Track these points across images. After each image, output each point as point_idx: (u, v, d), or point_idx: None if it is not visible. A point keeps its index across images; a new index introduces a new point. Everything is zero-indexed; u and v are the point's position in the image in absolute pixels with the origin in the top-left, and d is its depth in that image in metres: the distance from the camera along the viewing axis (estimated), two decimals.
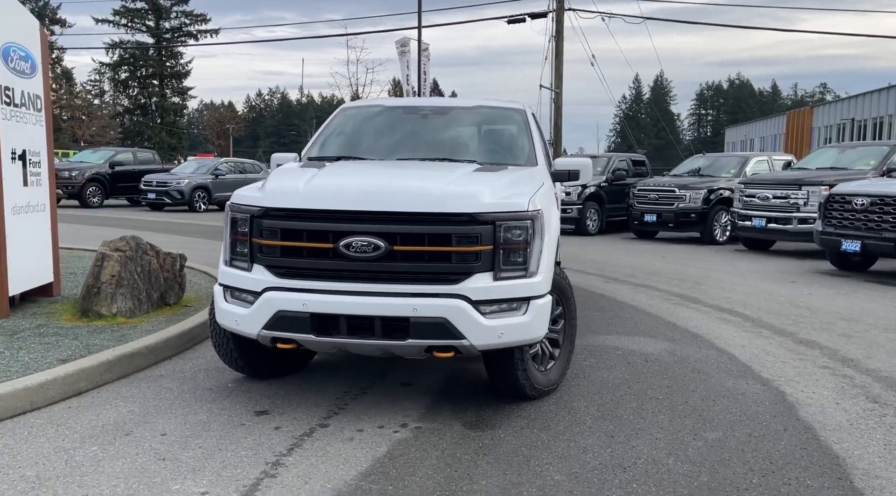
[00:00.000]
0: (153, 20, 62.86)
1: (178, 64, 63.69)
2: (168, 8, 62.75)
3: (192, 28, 63.59)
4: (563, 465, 3.53)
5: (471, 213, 3.88)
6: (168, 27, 63.31)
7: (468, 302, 3.85)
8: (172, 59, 63.72)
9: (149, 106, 63.84)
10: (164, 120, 63.24)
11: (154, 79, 63.34)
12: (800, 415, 4.32)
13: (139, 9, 62.45)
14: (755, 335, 6.36)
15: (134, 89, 64.38)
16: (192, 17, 63.47)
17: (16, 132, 6.12)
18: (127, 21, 62.47)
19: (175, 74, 63.58)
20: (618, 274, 9.99)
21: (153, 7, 62.22)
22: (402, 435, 3.88)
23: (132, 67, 63.46)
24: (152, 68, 62.95)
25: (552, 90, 24.09)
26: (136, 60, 63.03)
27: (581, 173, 5.28)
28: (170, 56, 63.40)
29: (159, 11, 62.50)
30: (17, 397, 4.08)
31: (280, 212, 4.01)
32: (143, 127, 62.55)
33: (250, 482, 3.27)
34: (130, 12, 62.33)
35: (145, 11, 62.62)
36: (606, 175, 17.01)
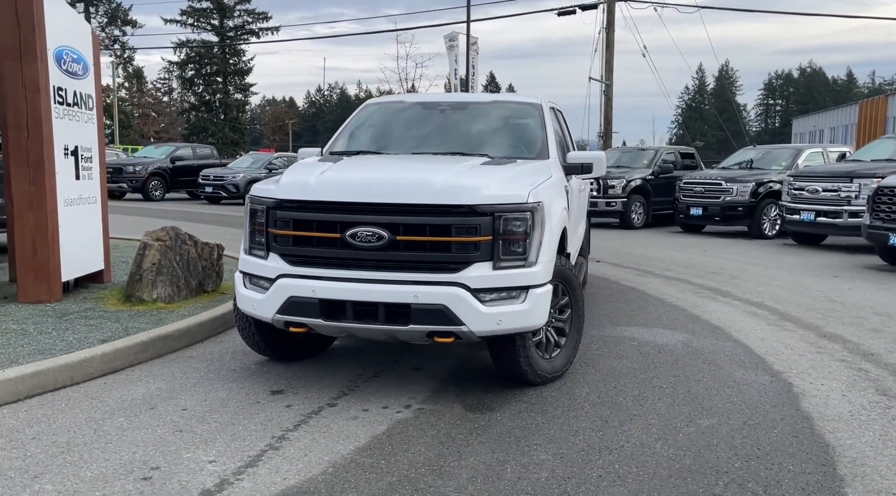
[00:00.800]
0: (217, 19, 64.65)
1: (241, 61, 65.33)
2: (231, 7, 64.41)
3: (255, 26, 65.16)
4: (551, 446, 3.69)
5: (470, 204, 4.06)
6: (231, 25, 64.99)
7: (467, 290, 4.04)
8: (235, 56, 65.41)
9: (213, 102, 65.69)
10: (227, 116, 64.97)
11: (218, 76, 65.13)
12: (801, 405, 4.37)
13: (204, 8, 64.29)
14: (778, 328, 6.36)
15: (199, 86, 66.38)
16: (255, 15, 65.03)
17: (69, 129, 6.56)
18: (193, 20, 64.40)
19: (238, 71, 65.23)
20: (653, 267, 10.00)
21: (217, 6, 63.95)
22: (404, 415, 4.10)
23: (197, 65, 65.41)
24: (216, 66, 64.76)
25: (602, 82, 23.93)
26: (200, 58, 64.95)
27: (594, 166, 5.40)
28: (233, 53, 65.08)
29: (223, 10, 64.22)
30: (58, 372, 4.45)
31: (292, 203, 4.27)
32: (208, 123, 64.44)
33: (255, 453, 3.53)
34: (196, 12, 64.21)
35: (210, 11, 64.43)
36: (653, 168, 16.88)
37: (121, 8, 64.26)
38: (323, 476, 3.30)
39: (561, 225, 4.64)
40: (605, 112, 24.50)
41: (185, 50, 64.41)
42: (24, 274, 6.21)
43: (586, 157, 5.39)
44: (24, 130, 6.08)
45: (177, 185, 23.65)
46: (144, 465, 3.36)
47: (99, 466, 3.34)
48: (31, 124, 6.08)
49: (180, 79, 67.50)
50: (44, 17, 6.12)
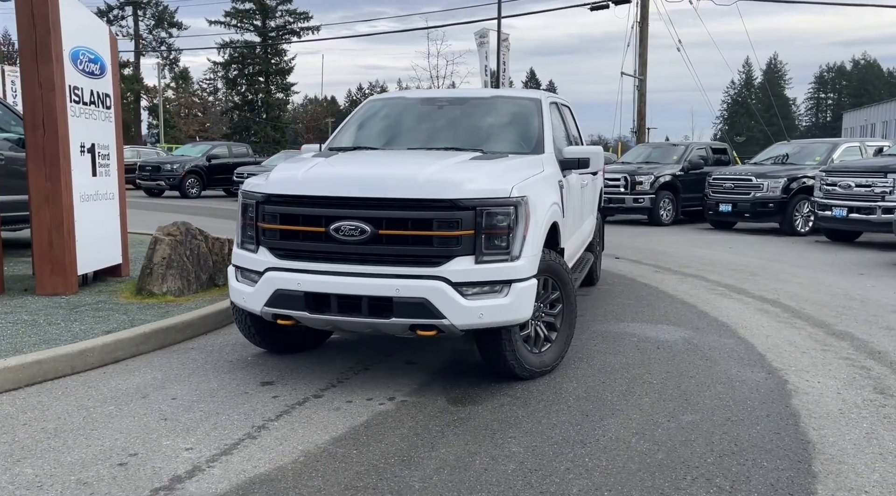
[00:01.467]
0: (260, 19, 65.55)
1: (283, 61, 66.09)
2: (273, 7, 65.24)
3: (296, 26, 65.89)
4: (525, 439, 3.70)
5: (451, 199, 4.09)
6: (273, 26, 65.82)
7: (448, 283, 4.07)
8: (277, 56, 66.20)
9: (255, 102, 66.60)
10: (269, 115, 65.84)
11: (260, 76, 66.01)
12: (791, 402, 4.30)
13: (247, 9, 65.22)
14: (786, 326, 6.25)
15: (242, 86, 67.39)
16: (296, 15, 65.73)
17: (85, 127, 6.76)
18: (236, 22, 65.42)
19: (279, 71, 66.02)
20: (672, 264, 9.88)
21: (260, 7, 64.81)
22: (386, 407, 4.15)
23: (240, 65, 66.39)
24: (258, 66, 65.63)
25: (635, 77, 23.65)
26: (243, 59, 65.90)
27: (591, 161, 5.37)
28: (274, 53, 65.91)
29: (265, 11, 65.06)
30: (58, 361, 4.61)
31: (279, 198, 4.36)
32: (250, 122, 65.37)
33: (232, 441, 3.62)
34: (240, 13, 65.17)
35: (253, 12, 65.30)
36: (683, 164, 16.65)
37: (167, 11, 65.59)
38: (293, 464, 3.36)
39: (550, 220, 4.64)
40: (638, 107, 24.23)
41: (228, 50, 65.47)
42: (40, 267, 6.43)
43: (583, 152, 5.37)
44: (40, 128, 6.29)
45: (213, 183, 24.09)
46: (123, 452, 3.47)
47: (80, 452, 3.47)
48: (46, 122, 6.28)
49: (224, 79, 68.65)
50: (59, 18, 6.32)
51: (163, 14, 65.35)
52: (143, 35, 65.57)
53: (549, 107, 5.75)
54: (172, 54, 65.71)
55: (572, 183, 5.64)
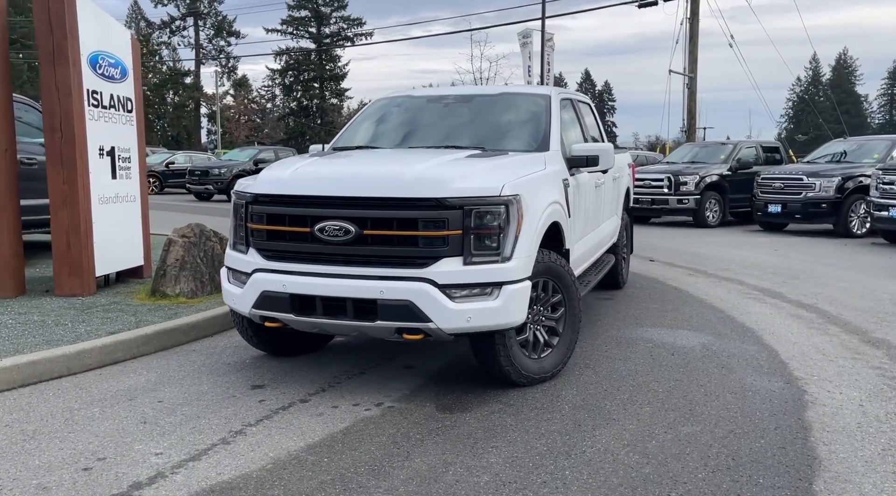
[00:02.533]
0: (315, 26, 66.54)
1: (336, 67, 66.89)
2: (328, 14, 66.14)
3: (349, 32, 66.64)
4: (507, 449, 3.52)
5: (437, 197, 3.93)
6: (327, 32, 66.69)
7: (434, 285, 3.91)
8: (331, 62, 67.05)
9: (310, 107, 67.55)
10: (324, 120, 66.67)
11: (315, 82, 66.94)
12: (805, 414, 4.00)
13: (303, 17, 66.31)
14: (819, 332, 5.89)
15: (297, 92, 68.44)
16: (349, 21, 66.51)
17: (104, 131, 6.83)
18: (292, 29, 66.55)
19: (333, 77, 66.84)
20: (709, 267, 9.50)
21: (315, 15, 65.81)
22: (372, 413, 4.01)
23: (296, 72, 67.47)
24: (313, 72, 66.59)
25: (685, 75, 23.03)
26: (298, 65, 66.95)
27: (600, 159, 5.13)
28: (328, 59, 66.76)
29: (320, 18, 66.01)
30: (54, 362, 4.62)
31: (266, 198, 4.27)
32: (305, 127, 66.31)
33: (205, 447, 3.53)
34: (295, 20, 66.31)
35: (308, 19, 66.36)
36: (730, 163, 16.08)
37: (226, 20, 67.06)
38: (259, 472, 3.25)
39: (548, 219, 4.43)
40: (688, 106, 23.59)
41: (284, 58, 66.62)
42: (59, 268, 6.51)
43: (591, 150, 5.14)
44: (57, 132, 6.37)
45: None
46: (92, 456, 3.42)
47: (50, 455, 3.43)
48: (63, 126, 6.36)
49: (281, 86, 69.83)
50: (77, 24, 6.39)
51: (222, 23, 66.85)
52: (203, 45, 67.21)
53: (559, 103, 5.53)
54: (231, 62, 67.13)
55: (583, 182, 5.41)
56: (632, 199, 8.24)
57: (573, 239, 5.12)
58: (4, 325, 5.41)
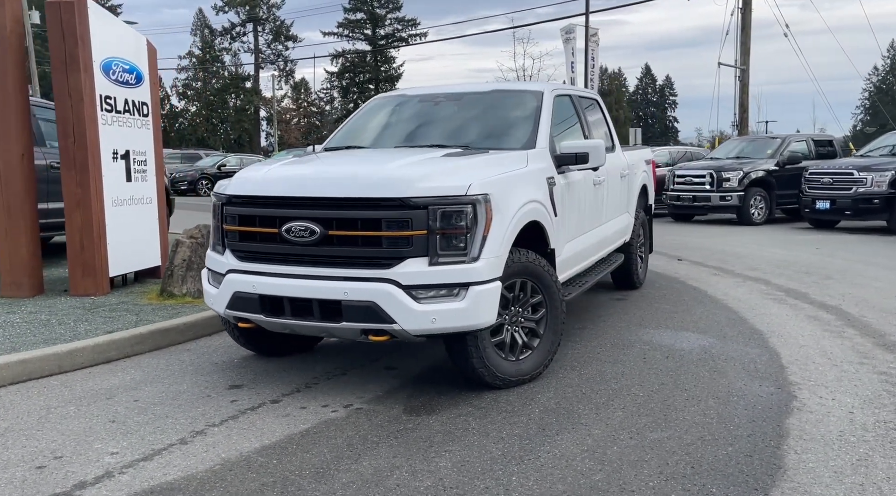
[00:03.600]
0: (370, 28, 67.25)
1: (391, 68, 67.46)
2: (383, 16, 66.78)
3: (404, 33, 67.13)
4: (462, 453, 3.45)
5: (400, 197, 3.88)
6: (382, 34, 67.32)
7: (398, 286, 3.87)
8: (386, 63, 67.66)
9: None
10: None
11: (370, 83, 67.61)
12: (787, 421, 3.81)
13: (359, 19, 67.14)
14: (832, 335, 5.61)
15: (354, 94, 69.27)
16: (404, 22, 67.01)
17: (118, 135, 7.00)
18: (348, 32, 67.45)
19: (388, 78, 67.40)
20: (737, 266, 9.17)
21: (371, 17, 66.55)
22: (338, 414, 3.99)
23: (352, 74, 68.32)
24: (369, 74, 67.31)
25: (737, 67, 22.35)
26: (354, 67, 67.78)
27: (590, 156, 4.99)
28: (384, 61, 67.38)
29: (375, 20, 66.72)
30: (45, 361, 4.75)
31: (238, 199, 4.30)
32: None
33: (162, 447, 3.56)
34: (351, 23, 67.19)
35: (364, 21, 67.18)
36: (777, 158, 15.52)
37: (284, 25, 68.33)
38: (204, 473, 3.26)
39: (524, 219, 4.32)
40: (739, 99, 22.89)
41: (341, 60, 67.55)
42: (73, 269, 6.70)
43: (580, 147, 5.00)
44: (70, 136, 6.56)
45: None
46: (51, 454, 3.48)
47: (11, 453, 3.51)
48: (76, 131, 6.55)
49: (339, 88, 70.79)
50: (88, 31, 6.56)
51: (280, 28, 68.13)
52: (262, 49, 68.63)
53: (551, 100, 5.40)
54: (288, 66, 68.35)
55: (575, 180, 5.27)
56: (651, 196, 8.01)
57: (561, 238, 5.00)
58: (11, 324, 5.60)
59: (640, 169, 7.45)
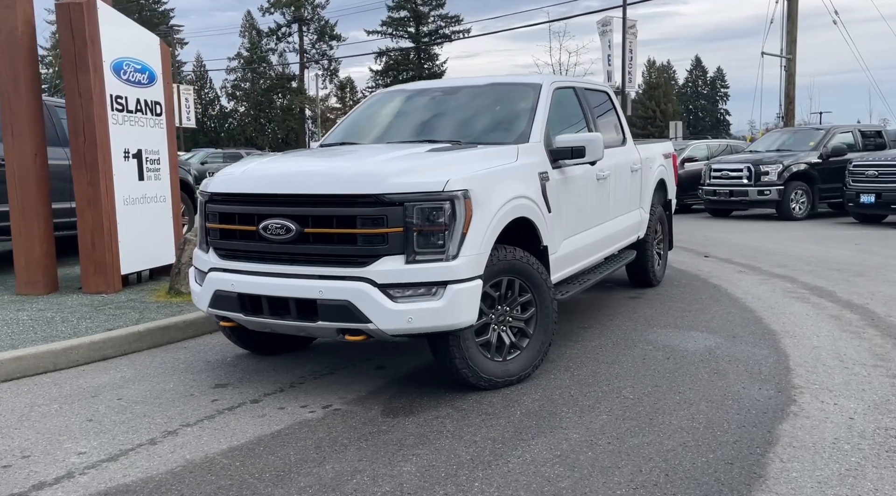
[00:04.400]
0: (413, 26, 67.40)
1: (434, 65, 67.48)
2: (426, 13, 66.85)
3: (447, 30, 67.10)
4: (430, 457, 3.34)
5: (374, 193, 3.79)
6: (426, 31, 67.40)
7: (374, 285, 3.78)
8: (430, 61, 67.72)
9: None
10: None
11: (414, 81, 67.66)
12: (779, 427, 3.60)
13: (402, 17, 67.36)
14: (851, 336, 5.33)
15: None
16: (447, 19, 66.99)
17: (130, 134, 7.07)
18: (392, 30, 67.72)
19: (431, 75, 67.35)
20: (766, 263, 8.84)
21: (414, 14, 66.70)
22: (315, 415, 3.92)
23: (395, 72, 68.56)
24: (412, 72, 67.42)
25: (782, 57, 21.64)
26: (398, 65, 68.01)
27: (587, 150, 4.82)
28: (427, 58, 67.46)
29: (419, 18, 66.83)
30: (40, 358, 4.79)
31: (219, 196, 4.26)
32: None
33: (129, 447, 3.53)
34: (395, 21, 67.46)
35: (407, 19, 67.36)
36: (821, 150, 14.96)
37: (328, 24, 68.93)
38: (164, 475, 3.22)
39: (509, 215, 4.18)
40: (785, 90, 22.18)
41: (384, 59, 67.86)
42: (85, 267, 6.79)
43: (576, 140, 4.83)
44: (81, 136, 6.64)
45: None
46: (20, 453, 3.48)
47: None
48: (86, 130, 6.62)
49: (383, 86, 71.11)
50: (98, 32, 6.63)
51: (324, 28, 68.75)
52: (306, 49, 69.35)
53: (549, 93, 5.23)
54: (332, 65, 68.93)
55: (574, 175, 5.10)
56: (671, 191, 7.76)
57: (557, 235, 4.84)
58: (18, 321, 5.68)
59: (657, 163, 7.21)
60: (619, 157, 6.13)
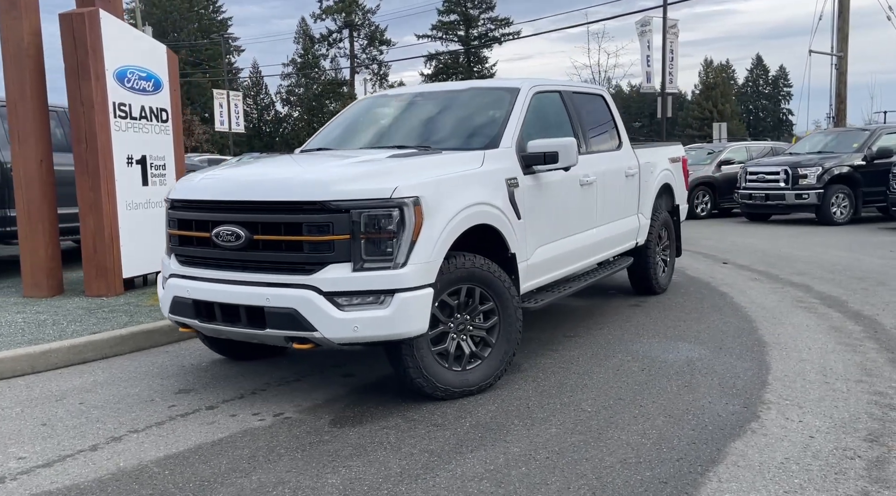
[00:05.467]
0: (463, 30, 67.52)
1: (484, 68, 67.42)
2: (476, 17, 66.89)
3: (497, 32, 66.99)
4: (360, 469, 3.28)
5: (320, 200, 3.75)
6: (475, 34, 67.43)
7: (319, 293, 3.74)
8: (479, 64, 67.71)
9: None
10: None
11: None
12: (731, 445, 3.43)
13: (452, 21, 67.57)
14: (846, 348, 5.08)
15: None
16: (497, 21, 66.89)
17: (133, 140, 7.20)
18: (442, 34, 67.98)
19: (481, 78, 67.29)
20: (786, 271, 8.50)
21: (464, 18, 66.82)
22: (263, 423, 3.90)
23: (445, 76, 68.74)
24: (462, 75, 67.49)
25: (833, 55, 20.89)
26: (447, 69, 68.18)
27: (559, 155, 4.69)
28: (476, 61, 67.47)
29: (469, 21, 66.92)
30: (18, 361, 4.89)
31: (178, 203, 4.29)
32: None
33: (69, 453, 3.55)
34: (445, 25, 67.70)
35: (457, 23, 67.54)
36: (865, 152, 14.35)
37: (378, 30, 69.55)
38: (90, 483, 3.22)
39: (466, 222, 4.09)
40: (837, 89, 21.39)
41: (434, 63, 68.13)
42: (87, 270, 6.94)
43: (548, 146, 4.70)
44: (83, 142, 6.80)
45: None
46: None
47: None
48: (88, 137, 6.77)
49: None
50: (101, 42, 6.77)
51: (374, 33, 69.39)
52: (357, 54, 70.09)
53: (528, 98, 5.10)
54: (381, 69, 69.48)
55: (550, 180, 4.96)
56: (678, 196, 7.52)
57: (529, 243, 4.72)
58: (11, 324, 5.82)
59: (660, 168, 7.00)
60: (610, 162, 5.97)
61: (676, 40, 22.58)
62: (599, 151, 5.89)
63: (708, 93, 76.58)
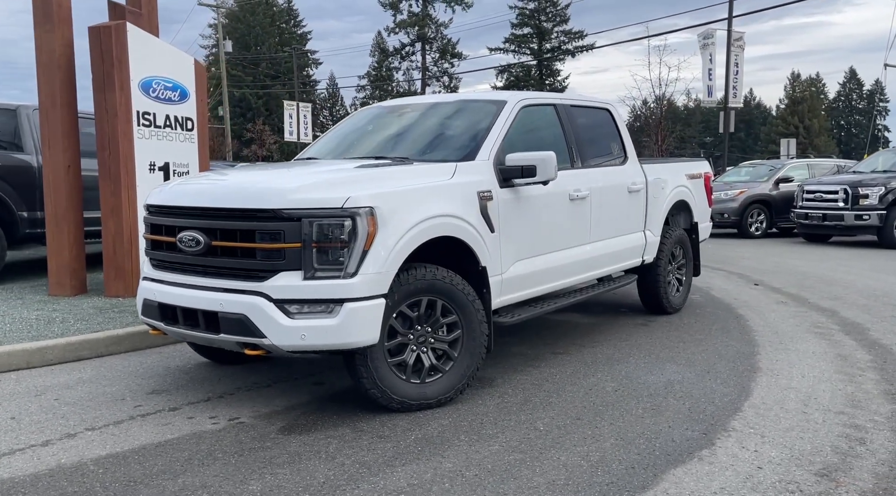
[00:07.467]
0: (536, 43, 67.42)
1: (556, 81, 67.08)
2: (550, 30, 66.69)
3: (570, 45, 66.59)
4: (285, 478, 3.28)
5: (273, 208, 3.80)
6: (548, 47, 67.20)
7: (269, 300, 3.78)
8: (551, 76, 67.40)
9: None
10: None
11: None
12: (671, 472, 3.29)
13: (525, 34, 67.57)
14: (843, 378, 4.80)
15: None
16: (570, 34, 66.50)
17: (157, 148, 7.45)
18: (515, 47, 68.07)
19: (553, 91, 66.93)
20: (818, 295, 8.09)
21: (537, 31, 66.73)
22: (215, 427, 3.95)
23: (517, 88, 68.68)
24: (533, 88, 67.29)
25: None
26: (519, 81, 68.10)
27: (538, 169, 4.60)
28: (548, 74, 67.19)
29: (542, 34, 66.77)
30: (13, 357, 5.11)
31: (152, 208, 4.42)
32: None
33: (20, 447, 3.66)
34: (518, 38, 67.77)
35: (531, 36, 67.50)
36: None
37: (450, 43, 70.15)
38: (25, 477, 3.29)
39: (425, 234, 4.04)
40: None
41: (506, 76, 68.23)
42: (107, 272, 7.21)
43: (526, 159, 4.61)
44: (106, 149, 7.08)
45: None
46: None
47: None
48: (111, 144, 7.05)
49: None
50: (126, 54, 7.05)
51: (446, 46, 70.01)
52: (429, 67, 70.81)
53: (513, 111, 5.03)
54: (452, 82, 69.94)
55: (531, 194, 4.86)
56: (697, 214, 7.27)
57: (506, 256, 4.65)
58: (24, 320, 6.09)
59: (673, 184, 6.78)
60: (610, 177, 5.83)
61: (741, 54, 21.92)
62: (598, 166, 5.77)
63: (794, 107, 74.09)
